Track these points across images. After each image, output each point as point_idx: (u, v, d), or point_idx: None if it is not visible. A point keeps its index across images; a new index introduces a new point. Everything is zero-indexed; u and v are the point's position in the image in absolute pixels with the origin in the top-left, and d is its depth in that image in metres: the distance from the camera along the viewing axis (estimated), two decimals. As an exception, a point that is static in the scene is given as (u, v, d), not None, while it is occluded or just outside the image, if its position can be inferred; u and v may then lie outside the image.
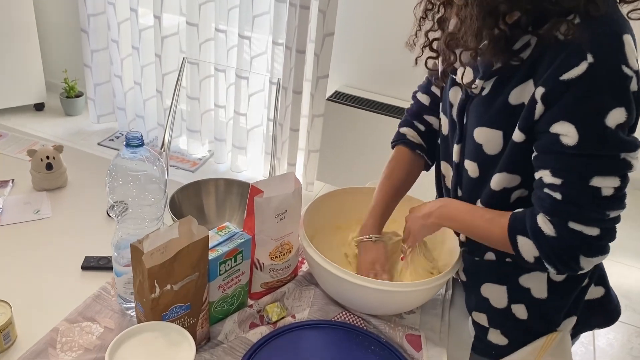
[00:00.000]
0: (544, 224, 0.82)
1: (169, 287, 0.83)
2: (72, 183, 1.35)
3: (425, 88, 1.11)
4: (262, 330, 0.99)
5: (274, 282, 1.06)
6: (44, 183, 1.31)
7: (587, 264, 0.82)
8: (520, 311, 0.98)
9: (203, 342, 0.95)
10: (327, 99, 2.68)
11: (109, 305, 1.00)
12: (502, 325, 1.01)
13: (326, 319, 1.04)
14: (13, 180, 1.32)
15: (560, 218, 0.80)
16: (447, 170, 1.05)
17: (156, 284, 0.81)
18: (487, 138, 0.90)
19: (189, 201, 1.19)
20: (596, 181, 0.77)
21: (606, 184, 0.77)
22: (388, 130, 2.53)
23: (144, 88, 3.04)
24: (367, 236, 1.07)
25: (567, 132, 0.77)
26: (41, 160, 1.27)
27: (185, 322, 0.88)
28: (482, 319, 1.03)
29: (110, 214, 0.97)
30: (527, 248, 0.84)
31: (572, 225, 0.79)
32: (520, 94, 0.83)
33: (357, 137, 2.71)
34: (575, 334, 1.03)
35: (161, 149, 1.95)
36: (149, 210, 0.91)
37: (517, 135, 0.84)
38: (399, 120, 1.18)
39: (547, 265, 0.84)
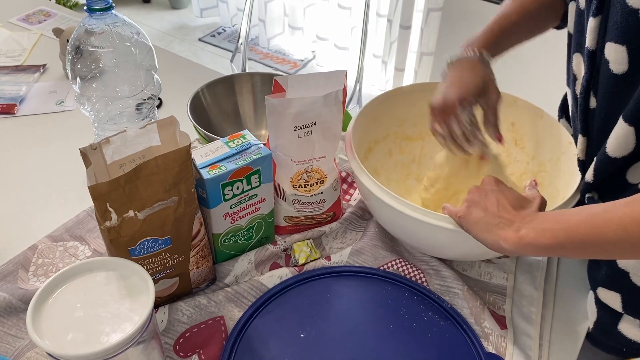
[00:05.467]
0: None
1: (131, 214, 0.59)
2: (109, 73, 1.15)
3: None
4: (282, 274, 0.73)
5: (301, 218, 0.79)
6: (75, 70, 1.12)
7: None
8: None
9: (204, 285, 0.73)
10: (448, -11, 2.20)
11: (105, 223, 0.80)
12: (647, 315, 0.65)
13: (371, 266, 0.75)
14: (45, 65, 1.15)
15: None
16: (579, 67, 0.66)
17: (110, 209, 0.57)
18: None
19: (217, 103, 0.91)
20: None
21: None
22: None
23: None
24: (469, 50, 0.73)
25: None
26: (68, 41, 1.08)
27: (167, 261, 0.65)
28: (612, 300, 0.67)
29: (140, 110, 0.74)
30: None
31: None
32: None
33: (481, 38, 2.22)
34: None
35: (238, 42, 1.69)
36: (126, 105, 0.67)
37: None
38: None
39: None
